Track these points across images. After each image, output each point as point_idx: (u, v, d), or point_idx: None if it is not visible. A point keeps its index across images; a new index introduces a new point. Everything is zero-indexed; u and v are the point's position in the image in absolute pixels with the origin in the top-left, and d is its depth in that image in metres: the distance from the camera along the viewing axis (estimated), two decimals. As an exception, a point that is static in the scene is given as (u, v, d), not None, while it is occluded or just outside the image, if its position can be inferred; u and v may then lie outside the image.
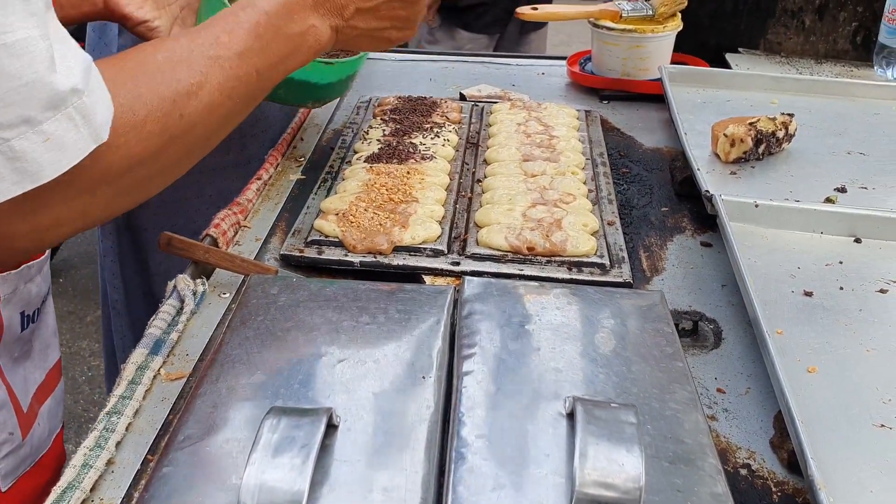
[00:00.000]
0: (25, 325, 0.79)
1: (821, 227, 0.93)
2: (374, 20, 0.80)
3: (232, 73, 0.65)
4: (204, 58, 0.64)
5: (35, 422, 0.82)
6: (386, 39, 0.84)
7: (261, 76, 0.69)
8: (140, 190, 0.62)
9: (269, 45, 0.69)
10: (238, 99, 0.67)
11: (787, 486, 0.64)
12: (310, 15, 0.73)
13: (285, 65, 0.72)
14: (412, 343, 0.65)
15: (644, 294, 0.74)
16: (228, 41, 0.66)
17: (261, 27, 0.68)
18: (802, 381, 0.70)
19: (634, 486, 0.47)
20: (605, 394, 0.60)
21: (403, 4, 0.81)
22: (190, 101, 0.62)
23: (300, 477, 0.47)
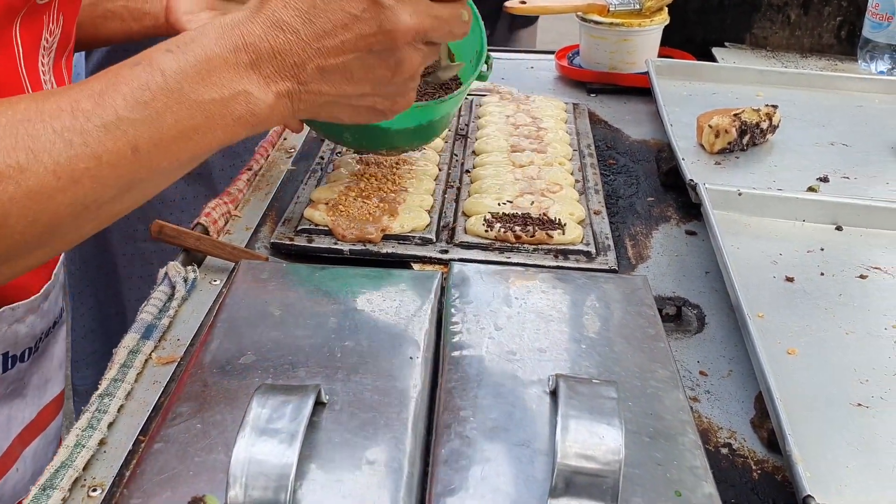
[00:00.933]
0: (10, 365, 0.74)
1: (803, 215, 0.95)
2: (346, 83, 0.59)
3: (85, 150, 0.50)
4: (43, 130, 0.49)
5: (13, 467, 0.76)
6: (370, 109, 0.63)
7: (142, 155, 0.52)
8: None
9: (162, 114, 0.52)
10: (97, 184, 0.52)
11: (767, 464, 0.66)
12: (242, 77, 0.55)
13: (193, 142, 0.55)
14: (400, 326, 0.66)
15: (627, 278, 0.76)
16: (91, 108, 0.51)
17: (149, 91, 0.52)
18: (782, 363, 0.72)
19: (614, 458, 0.49)
20: (587, 373, 0.61)
21: (383, 62, 0.59)
22: (3, 188, 0.48)
23: (289, 450, 0.48)
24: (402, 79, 0.62)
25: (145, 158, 0.53)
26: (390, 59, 0.60)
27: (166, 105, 0.53)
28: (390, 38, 0.58)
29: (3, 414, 0.76)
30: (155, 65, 0.53)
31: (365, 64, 0.59)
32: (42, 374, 0.81)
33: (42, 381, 0.81)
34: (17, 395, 0.78)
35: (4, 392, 0.76)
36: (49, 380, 0.83)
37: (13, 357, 0.76)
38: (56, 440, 0.86)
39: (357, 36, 0.57)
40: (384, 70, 0.60)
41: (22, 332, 0.76)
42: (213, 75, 0.54)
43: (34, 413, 0.81)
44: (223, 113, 0.55)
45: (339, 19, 0.57)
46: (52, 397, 0.84)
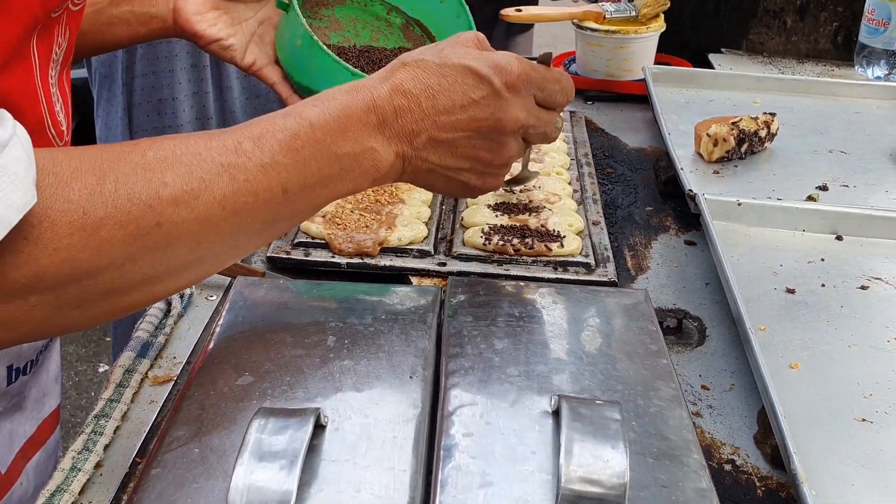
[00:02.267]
0: (14, 378, 0.74)
1: (803, 224, 0.94)
2: (450, 156, 0.66)
3: (246, 186, 0.55)
4: (212, 164, 0.54)
5: (17, 481, 0.77)
6: (463, 185, 0.69)
7: (290, 196, 0.58)
8: (101, 305, 0.52)
9: (308, 162, 0.58)
10: (250, 217, 0.56)
11: (771, 480, 0.65)
12: (370, 136, 0.61)
13: (329, 188, 0.60)
14: (399, 343, 0.65)
15: (628, 292, 0.75)
16: (252, 150, 0.56)
17: (300, 139, 0.58)
18: (785, 377, 0.71)
19: (619, 482, 0.48)
20: (590, 391, 0.60)
21: (488, 144, 0.66)
22: (177, 210, 0.52)
23: (288, 477, 0.47)
24: (499, 163, 0.69)
25: (291, 199, 0.58)
26: (494, 143, 0.67)
27: (312, 154, 0.58)
28: (500, 125, 0.65)
29: (6, 428, 0.76)
30: (304, 116, 0.59)
31: (471, 143, 0.66)
32: (40, 387, 0.81)
33: (40, 394, 0.81)
34: (18, 408, 0.78)
35: (7, 406, 0.76)
36: (46, 393, 0.82)
37: (17, 370, 0.75)
38: (55, 454, 0.85)
39: (471, 118, 0.64)
40: (486, 152, 0.67)
41: (25, 345, 0.75)
42: (349, 131, 0.60)
43: (34, 427, 0.81)
44: (354, 165, 0.61)
45: (458, 100, 0.64)
46: (50, 411, 0.84)
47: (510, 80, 0.65)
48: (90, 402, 2.41)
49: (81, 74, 2.63)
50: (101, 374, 2.57)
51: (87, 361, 2.63)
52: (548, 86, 0.69)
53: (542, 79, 0.68)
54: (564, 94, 0.70)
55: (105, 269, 0.50)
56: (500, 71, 0.65)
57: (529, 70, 0.67)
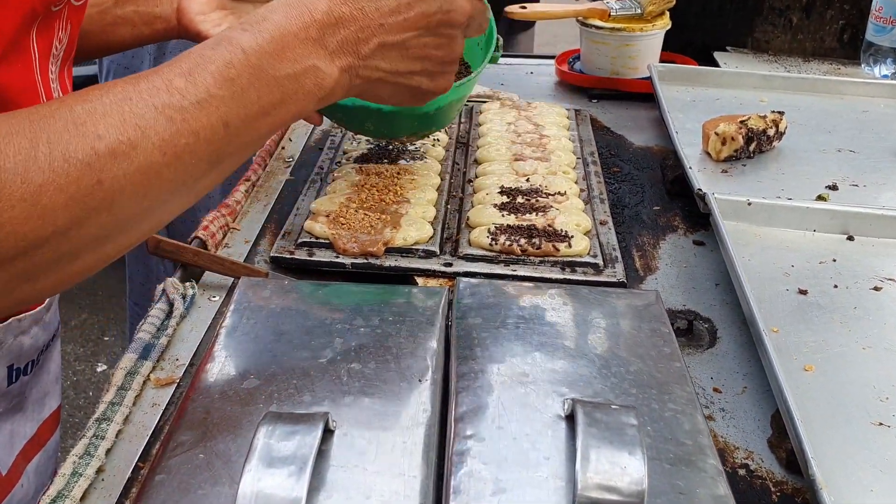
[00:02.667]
0: (14, 378, 0.73)
1: (813, 224, 0.93)
2: (401, 60, 0.63)
3: (185, 126, 0.52)
4: (145, 108, 0.50)
5: (17, 483, 0.76)
6: (415, 89, 0.66)
7: (232, 130, 0.54)
8: (53, 273, 0.50)
9: (246, 91, 0.55)
10: (195, 159, 0.53)
11: (786, 485, 0.64)
12: (310, 52, 0.57)
13: (272, 116, 0.57)
14: (407, 346, 0.64)
15: (640, 293, 0.74)
16: (185, 86, 0.52)
17: (234, 68, 0.54)
18: (800, 380, 0.70)
19: (637, 489, 0.47)
20: (603, 395, 0.59)
21: (438, 41, 0.63)
22: (116, 163, 0.49)
23: (297, 484, 0.46)
24: (450, 60, 0.66)
25: (234, 133, 0.55)
26: (444, 39, 0.64)
27: (249, 82, 0.55)
28: (449, 18, 0.63)
29: (6, 429, 0.75)
30: (235, 43, 0.55)
31: (420, 42, 0.63)
32: (41, 387, 0.80)
33: (41, 395, 0.80)
34: (19, 409, 0.77)
35: (7, 406, 0.75)
36: (47, 393, 0.81)
37: (17, 370, 0.74)
38: (55, 455, 0.84)
39: (419, 14, 0.61)
40: (436, 50, 0.64)
41: (26, 344, 0.74)
42: (287, 51, 0.56)
43: (34, 428, 0.80)
44: (296, 88, 0.57)
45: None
46: (51, 412, 0.83)
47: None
48: (88, 401, 2.39)
49: (82, 72, 2.62)
50: (100, 373, 2.55)
51: (86, 361, 2.61)
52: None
53: None
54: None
55: (51, 237, 0.48)
56: None
57: None
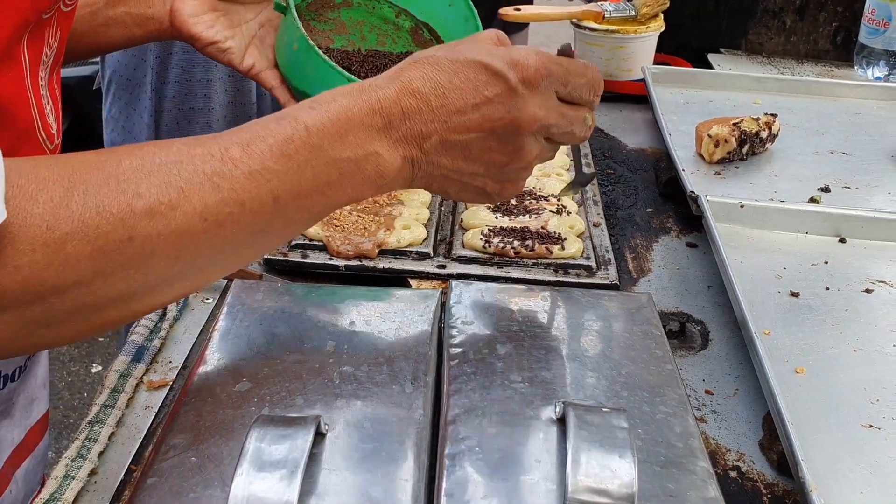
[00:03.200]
0: (2, 385, 0.72)
1: (806, 227, 0.93)
2: (463, 160, 0.61)
3: (231, 195, 0.51)
4: (193, 173, 0.50)
5: (6, 489, 0.75)
6: (480, 190, 0.64)
7: (281, 205, 0.53)
8: (72, 323, 0.49)
9: (301, 168, 0.54)
10: (236, 229, 0.52)
11: (777, 487, 0.64)
12: (374, 139, 0.56)
13: (326, 196, 0.56)
14: (400, 349, 0.64)
15: (632, 296, 0.74)
16: (240, 156, 0.51)
17: (293, 144, 0.53)
18: (791, 383, 0.70)
19: (628, 493, 0.47)
20: (594, 398, 0.59)
21: (503, 146, 0.61)
22: (151, 223, 0.48)
23: (289, 488, 0.46)
24: (517, 167, 0.63)
25: (283, 208, 0.54)
26: (510, 145, 0.61)
27: (307, 160, 0.54)
28: (516, 124, 0.60)
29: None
30: (300, 120, 0.54)
31: (486, 145, 0.60)
32: (28, 393, 0.79)
33: (28, 400, 0.80)
34: (6, 415, 0.76)
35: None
36: (34, 399, 0.81)
37: (5, 376, 0.73)
38: (44, 460, 0.83)
39: (484, 117, 0.59)
40: (501, 155, 0.61)
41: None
42: (350, 135, 0.56)
43: (22, 434, 0.79)
44: (355, 171, 0.56)
45: (471, 99, 0.59)
46: (38, 417, 0.82)
47: (527, 76, 0.60)
48: (83, 402, 2.39)
49: (80, 73, 2.61)
50: (94, 374, 2.55)
51: (80, 362, 2.61)
52: (571, 79, 0.62)
53: (564, 72, 0.62)
54: (591, 88, 0.64)
55: (73, 286, 0.47)
56: (516, 66, 0.59)
57: (549, 64, 0.61)
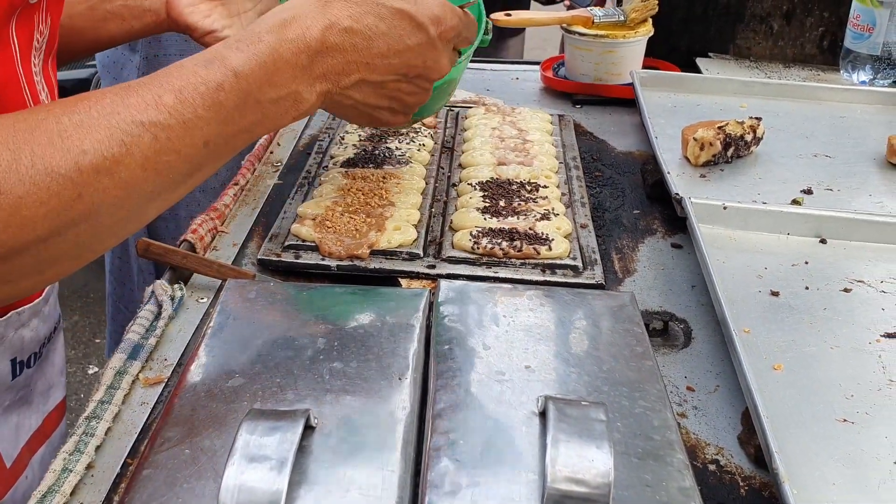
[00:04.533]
0: (19, 371, 0.75)
1: (787, 228, 0.95)
2: (374, 96, 0.67)
3: (168, 144, 0.53)
4: (132, 123, 0.51)
5: (22, 475, 0.77)
6: (375, 118, 0.71)
7: (210, 148, 0.56)
8: (30, 277, 0.52)
9: (230, 114, 0.56)
10: (173, 173, 0.55)
11: (755, 480, 0.66)
12: (297, 78, 0.59)
13: (249, 134, 0.59)
14: (388, 346, 0.66)
15: (615, 295, 0.76)
16: (174, 104, 0.53)
17: (224, 92, 0.55)
18: (768, 379, 0.72)
19: (604, 482, 0.49)
20: (576, 392, 0.61)
21: (412, 89, 0.68)
22: (98, 179, 0.50)
23: (279, 478, 0.48)
24: (414, 104, 0.70)
25: (213, 151, 0.57)
26: (417, 88, 0.68)
27: (236, 105, 0.56)
28: (428, 73, 0.67)
29: (12, 422, 0.76)
30: (228, 64, 0.56)
31: (397, 86, 0.67)
32: (46, 380, 0.82)
33: (46, 387, 0.82)
34: (25, 402, 0.78)
35: (13, 399, 0.76)
36: (52, 385, 0.83)
37: (20, 363, 0.76)
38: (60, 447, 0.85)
39: (403, 63, 0.65)
40: (408, 96, 0.69)
41: (27, 336, 0.76)
42: (275, 76, 0.58)
43: (40, 420, 0.81)
44: (277, 110, 0.60)
45: (394, 45, 0.64)
46: (56, 404, 0.84)
47: (443, 31, 0.67)
48: (79, 404, 2.40)
49: (70, 76, 2.62)
50: (91, 375, 2.56)
51: (77, 363, 2.62)
52: (464, 33, 0.71)
53: (464, 27, 0.70)
54: (471, 37, 0.74)
55: (30, 245, 0.49)
56: (436, 21, 0.66)
57: (458, 22, 0.69)
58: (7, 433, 0.75)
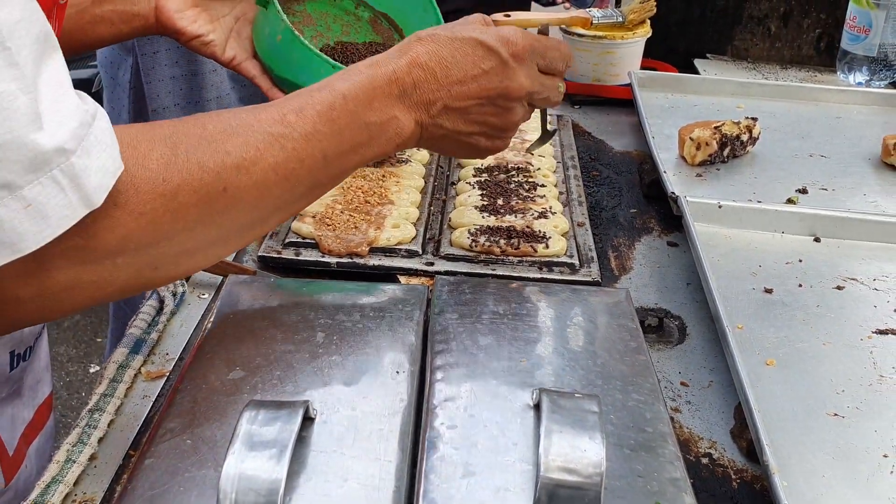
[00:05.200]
0: (15, 364, 0.77)
1: (782, 226, 0.96)
2: (462, 122, 0.72)
3: (293, 154, 0.60)
4: (263, 134, 0.59)
5: (22, 464, 0.80)
6: (473, 147, 0.75)
7: (328, 162, 0.63)
8: (174, 266, 0.57)
9: (342, 131, 0.64)
10: (297, 182, 0.62)
11: (746, 473, 0.67)
12: (393, 105, 0.67)
13: (359, 154, 0.66)
14: (387, 340, 0.67)
15: (610, 291, 0.77)
16: (296, 121, 0.61)
17: (335, 111, 0.63)
18: (761, 374, 0.73)
19: (596, 472, 0.50)
20: (571, 386, 0.62)
21: (496, 110, 0.72)
22: (238, 176, 0.57)
23: (278, 466, 0.49)
24: (506, 127, 0.74)
25: (329, 165, 0.64)
26: (501, 109, 0.73)
27: (346, 123, 0.64)
28: (507, 92, 0.72)
29: (8, 413, 0.78)
30: (336, 90, 0.64)
31: (481, 110, 0.72)
32: (34, 374, 0.83)
33: (34, 381, 0.84)
34: (17, 395, 0.80)
35: (9, 391, 0.78)
36: (39, 380, 0.85)
37: (18, 356, 0.78)
38: (52, 439, 0.88)
39: (481, 87, 0.71)
40: (494, 118, 0.73)
41: (25, 330, 0.77)
42: (375, 101, 0.66)
43: (32, 412, 0.83)
44: (380, 133, 0.67)
45: (470, 71, 0.70)
46: (44, 398, 0.86)
47: (516, 51, 0.71)
48: (81, 402, 2.42)
49: (76, 76, 2.65)
50: (92, 374, 2.57)
51: (78, 362, 2.64)
52: (549, 53, 0.75)
53: (543, 48, 0.74)
54: (564, 61, 0.77)
55: (180, 231, 0.55)
56: (507, 42, 0.71)
57: (532, 41, 0.72)
58: (5, 423, 0.77)
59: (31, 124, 0.45)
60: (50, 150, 0.45)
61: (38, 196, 0.45)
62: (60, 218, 0.47)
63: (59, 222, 0.47)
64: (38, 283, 0.50)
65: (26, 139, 0.44)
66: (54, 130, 0.46)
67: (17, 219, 0.45)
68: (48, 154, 0.45)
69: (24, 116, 0.44)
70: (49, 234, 0.46)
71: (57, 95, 0.47)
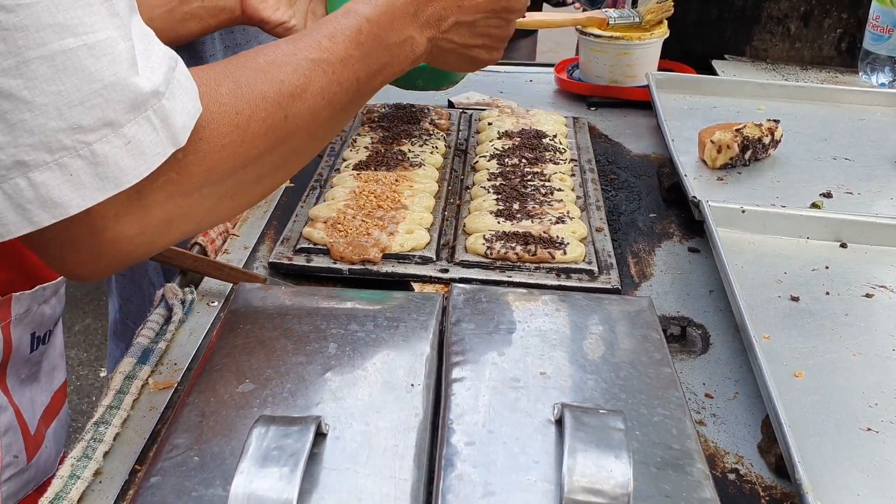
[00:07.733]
0: (35, 346, 0.78)
1: (807, 232, 0.94)
2: (469, 36, 0.79)
3: (334, 78, 0.64)
4: (307, 61, 0.63)
5: (42, 444, 0.81)
6: (474, 59, 0.82)
7: (360, 84, 0.67)
8: (246, 194, 0.61)
9: (370, 53, 0.68)
10: (339, 105, 0.65)
11: (776, 490, 0.64)
12: (409, 25, 0.72)
13: (383, 74, 0.70)
14: (401, 351, 0.65)
15: (632, 300, 0.75)
16: (330, 46, 0.65)
17: (363, 35, 0.67)
18: (790, 386, 0.71)
19: (623, 493, 0.47)
20: (593, 400, 0.60)
21: (500, 22, 0.80)
22: (294, 103, 0.61)
23: (289, 486, 0.47)
24: (504, 37, 0.83)
25: (361, 88, 0.68)
26: (504, 21, 0.81)
27: (372, 46, 0.68)
28: (512, 5, 0.80)
29: (27, 395, 0.79)
30: (360, 14, 0.68)
31: (487, 23, 0.80)
32: (50, 360, 0.84)
33: (50, 367, 0.84)
34: (34, 380, 0.81)
35: (28, 374, 0.79)
36: (55, 367, 0.85)
37: (38, 338, 0.79)
38: (67, 424, 0.89)
39: (489, 1, 0.78)
40: (497, 30, 0.81)
41: (46, 313, 0.79)
42: (395, 22, 0.70)
43: (49, 397, 0.84)
44: (399, 52, 0.71)
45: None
46: (59, 384, 0.86)
47: None
48: (91, 406, 2.40)
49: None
50: (103, 378, 2.56)
51: (89, 366, 2.63)
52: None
53: None
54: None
55: (253, 160, 0.58)
56: None
57: None
58: (26, 404, 0.79)
59: (131, 69, 0.48)
60: (147, 93, 0.49)
61: (137, 134, 0.49)
62: (154, 154, 0.50)
63: (154, 158, 0.50)
64: (141, 219, 0.53)
65: (128, 81, 0.48)
66: (149, 75, 0.50)
67: (120, 154, 0.48)
68: (145, 96, 0.49)
69: (125, 61, 0.48)
70: (145, 169, 0.50)
71: (146, 43, 0.51)
